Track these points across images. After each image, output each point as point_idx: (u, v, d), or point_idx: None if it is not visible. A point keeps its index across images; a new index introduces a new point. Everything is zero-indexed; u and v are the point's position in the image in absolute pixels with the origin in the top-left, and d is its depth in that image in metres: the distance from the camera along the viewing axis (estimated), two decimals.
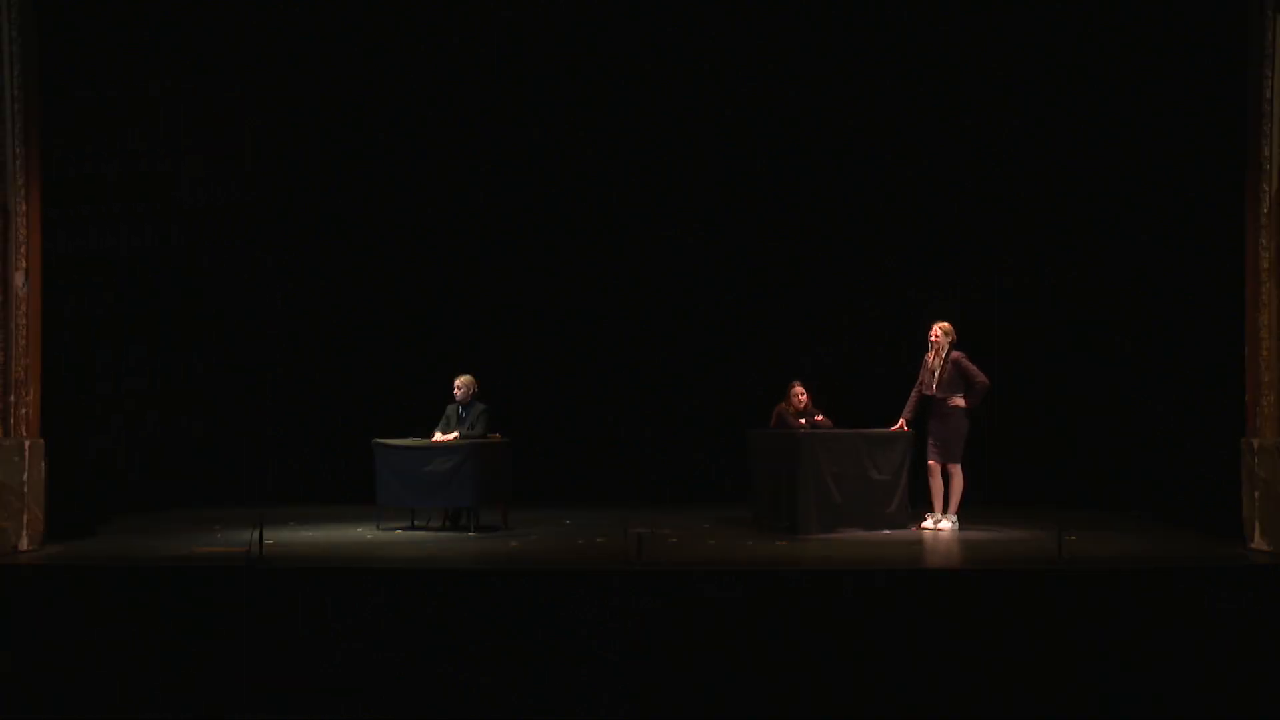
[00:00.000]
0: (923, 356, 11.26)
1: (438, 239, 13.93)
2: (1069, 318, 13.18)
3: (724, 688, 8.26)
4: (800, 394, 11.56)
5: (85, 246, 11.57)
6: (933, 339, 11.16)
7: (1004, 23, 12.74)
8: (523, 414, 12.76)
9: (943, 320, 11.20)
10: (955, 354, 11.08)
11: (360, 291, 13.87)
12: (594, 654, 8.29)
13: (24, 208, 9.88)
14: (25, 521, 9.74)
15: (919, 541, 10.39)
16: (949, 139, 13.49)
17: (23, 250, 9.86)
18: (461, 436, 11.20)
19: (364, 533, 11.05)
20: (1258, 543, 9.55)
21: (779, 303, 13.96)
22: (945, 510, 11.09)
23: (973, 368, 11.03)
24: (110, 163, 11.97)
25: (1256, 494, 9.61)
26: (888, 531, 10.91)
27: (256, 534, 9.03)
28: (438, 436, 11.34)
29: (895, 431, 11.33)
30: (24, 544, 9.69)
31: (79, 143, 11.35)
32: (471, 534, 10.92)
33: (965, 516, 11.29)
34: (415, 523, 11.36)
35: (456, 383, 11.44)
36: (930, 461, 11.14)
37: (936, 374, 11.10)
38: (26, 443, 9.83)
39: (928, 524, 11.11)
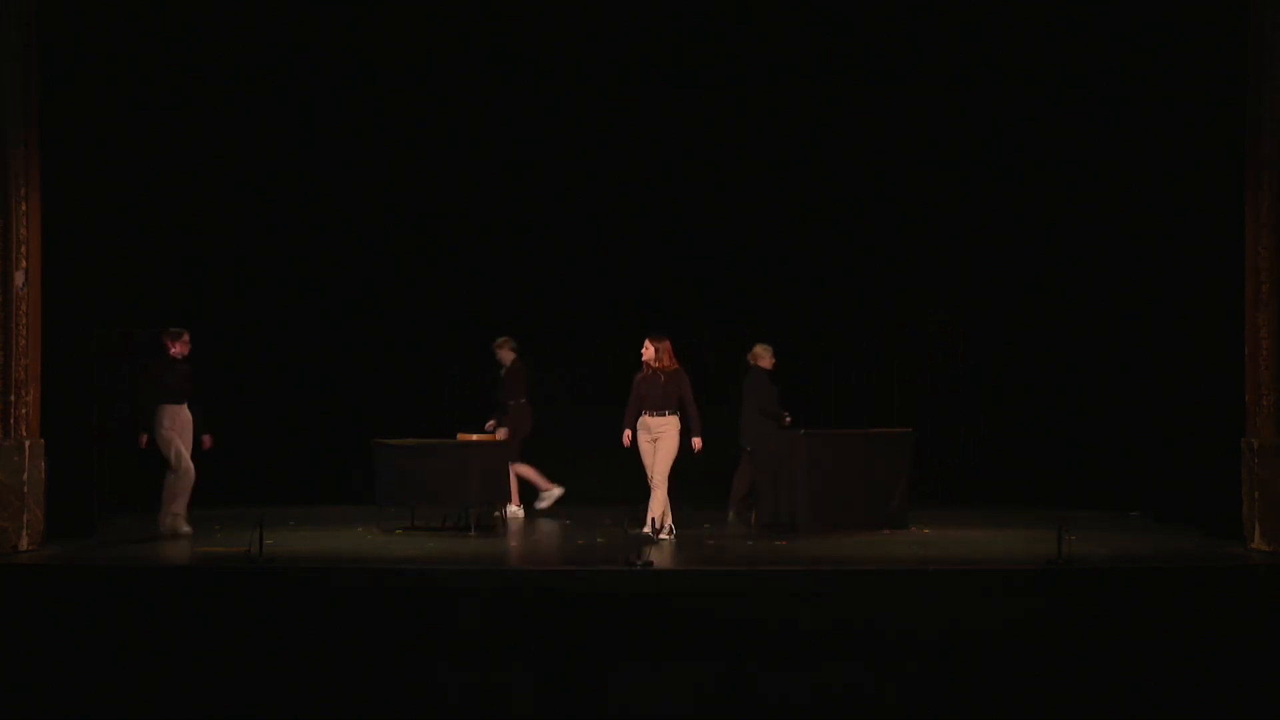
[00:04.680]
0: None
1: (437, 239, 13.92)
2: (1069, 317, 13.19)
3: (724, 687, 8.26)
4: (645, 348, 10.73)
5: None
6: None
7: (1004, 21, 12.72)
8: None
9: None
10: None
11: (360, 291, 13.86)
12: (594, 653, 8.29)
13: (24, 208, 9.88)
14: (25, 521, 9.74)
15: (919, 541, 10.38)
16: (946, 136, 13.49)
17: (23, 250, 9.86)
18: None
19: (364, 533, 11.05)
20: (1258, 543, 9.55)
21: (777, 303, 13.95)
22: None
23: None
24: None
25: (1256, 494, 9.60)
26: (888, 531, 10.91)
27: (256, 534, 9.02)
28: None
29: (895, 432, 11.33)
30: (24, 544, 9.69)
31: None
32: (471, 534, 10.93)
33: (964, 516, 11.29)
34: (415, 523, 11.36)
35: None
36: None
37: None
38: (26, 443, 9.83)
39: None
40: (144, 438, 10.86)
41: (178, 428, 10.82)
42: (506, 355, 12.34)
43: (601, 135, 13.65)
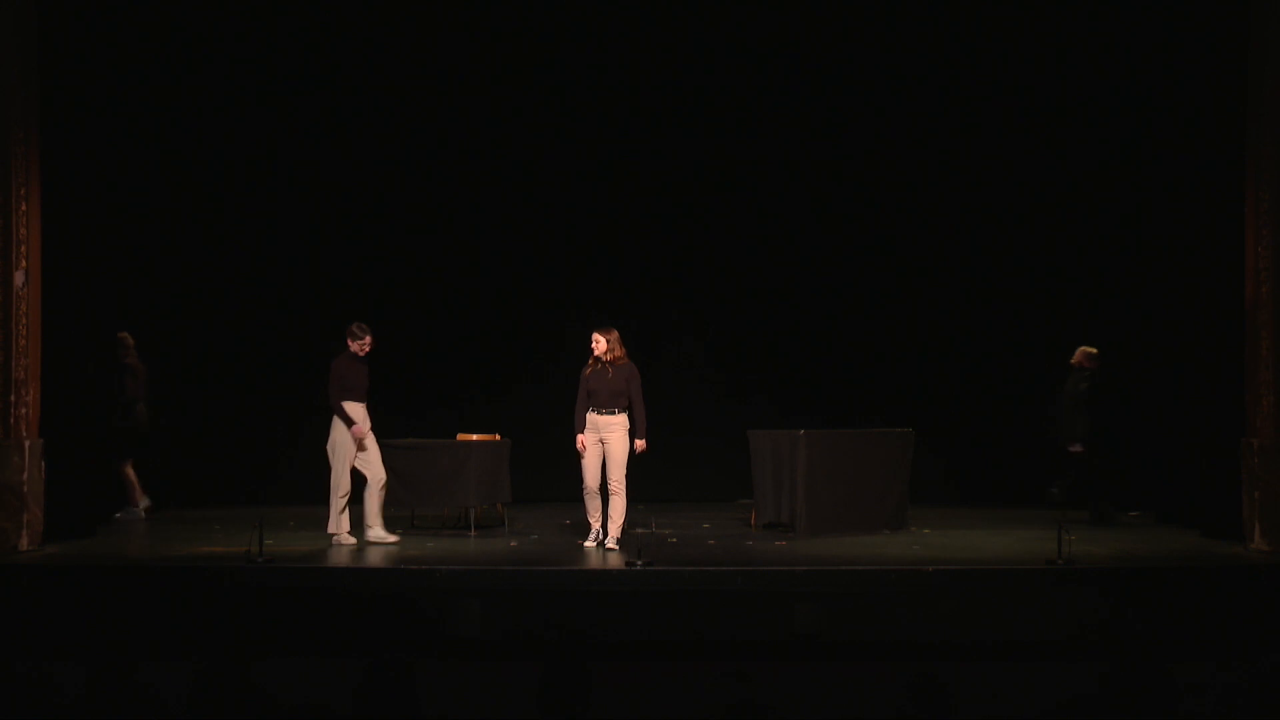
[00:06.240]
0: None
1: (437, 239, 13.92)
2: (1069, 317, 13.18)
3: (724, 686, 8.26)
4: (595, 341, 10.14)
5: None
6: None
7: (1004, 21, 12.72)
8: (523, 414, 12.76)
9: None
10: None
11: (360, 291, 13.85)
12: (593, 653, 8.29)
13: (24, 208, 9.88)
14: (25, 521, 9.74)
15: (919, 541, 10.38)
16: (946, 137, 13.49)
17: (23, 249, 9.86)
18: None
19: (364, 533, 11.03)
20: (1258, 543, 9.55)
21: (777, 303, 13.96)
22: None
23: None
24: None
25: (1256, 494, 9.60)
26: (888, 531, 10.91)
27: (256, 534, 9.03)
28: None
29: (895, 431, 11.32)
30: (24, 544, 9.69)
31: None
32: (471, 534, 10.92)
33: (966, 516, 11.25)
34: (415, 523, 11.36)
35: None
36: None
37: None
38: (26, 443, 9.83)
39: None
40: (358, 429, 10.32)
41: (361, 425, 10.37)
42: (125, 354, 12.08)
43: (601, 136, 13.66)
